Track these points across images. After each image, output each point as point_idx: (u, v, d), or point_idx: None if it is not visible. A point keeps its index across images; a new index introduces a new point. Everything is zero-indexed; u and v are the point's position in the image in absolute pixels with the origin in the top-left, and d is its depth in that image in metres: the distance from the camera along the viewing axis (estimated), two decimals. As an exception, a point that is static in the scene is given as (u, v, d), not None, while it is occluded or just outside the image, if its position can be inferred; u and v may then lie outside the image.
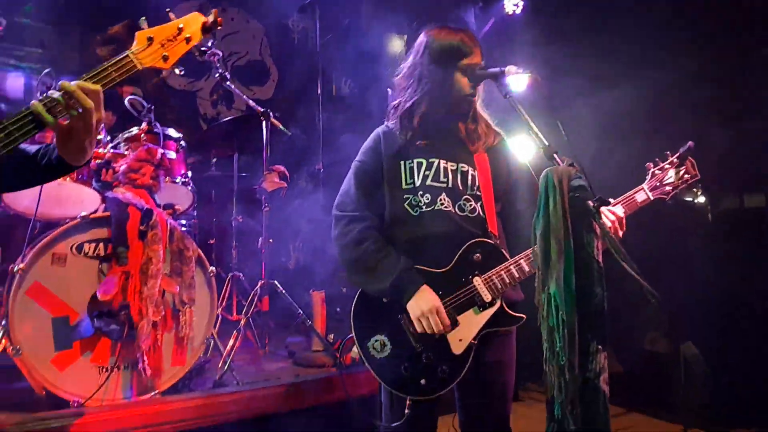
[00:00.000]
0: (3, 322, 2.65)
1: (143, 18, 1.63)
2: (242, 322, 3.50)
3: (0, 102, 5.34)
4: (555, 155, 1.79)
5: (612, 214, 2.06)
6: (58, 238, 2.75)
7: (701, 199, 4.51)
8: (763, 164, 3.99)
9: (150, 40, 1.57)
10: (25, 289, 2.66)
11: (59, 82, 1.41)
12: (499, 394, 2.13)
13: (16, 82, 5.51)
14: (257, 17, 6.64)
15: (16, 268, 2.65)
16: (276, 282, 3.80)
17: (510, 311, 2.07)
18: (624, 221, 2.09)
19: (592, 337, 1.68)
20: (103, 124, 3.54)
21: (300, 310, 3.70)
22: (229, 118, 4.37)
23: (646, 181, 2.16)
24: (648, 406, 4.02)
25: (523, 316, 2.08)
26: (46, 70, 3.39)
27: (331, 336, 3.74)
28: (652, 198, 2.14)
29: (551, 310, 1.69)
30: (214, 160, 4.72)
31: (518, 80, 2.07)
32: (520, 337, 2.19)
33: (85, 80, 1.44)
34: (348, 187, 2.18)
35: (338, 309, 4.33)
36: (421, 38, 2.18)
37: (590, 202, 1.68)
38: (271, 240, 3.95)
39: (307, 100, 5.90)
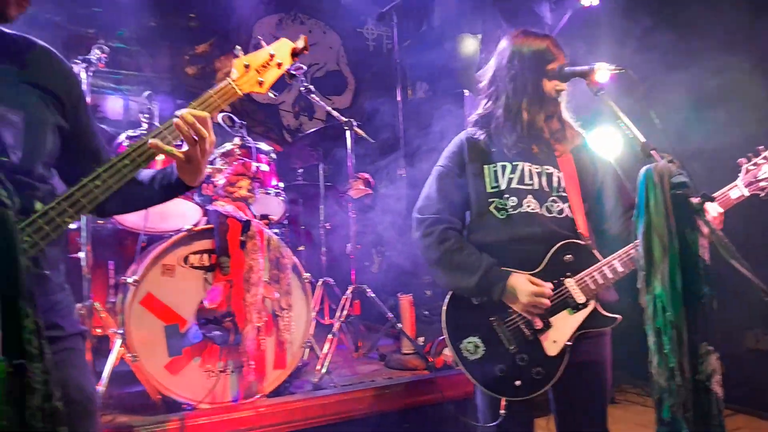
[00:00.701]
0: (120, 331, 2.87)
1: (238, 47, 1.73)
2: (336, 326, 3.60)
3: (102, 123, 5.75)
4: (653, 152, 1.75)
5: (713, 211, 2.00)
6: (167, 251, 2.94)
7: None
8: None
9: (246, 67, 1.66)
10: (139, 299, 2.86)
11: (176, 112, 1.50)
12: (595, 395, 2.11)
13: (115, 104, 5.90)
14: (333, 28, 6.81)
15: (130, 280, 2.86)
16: (365, 287, 3.89)
17: (604, 312, 2.05)
18: (721, 220, 2.02)
19: (702, 337, 1.64)
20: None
21: (390, 314, 3.77)
22: (314, 129, 4.52)
23: (740, 177, 2.08)
24: (755, 407, 3.82)
25: (618, 316, 2.05)
26: (146, 93, 3.64)
27: (421, 339, 3.78)
28: (747, 194, 2.06)
29: (657, 312, 1.66)
30: (300, 170, 4.89)
31: (603, 74, 2.04)
32: (614, 338, 2.16)
33: (194, 108, 1.54)
34: (430, 191, 2.22)
35: (426, 312, 4.37)
36: (505, 44, 2.19)
37: (694, 199, 1.63)
38: (359, 246, 4.05)
39: (385, 106, 5.99)
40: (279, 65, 1.70)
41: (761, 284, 1.61)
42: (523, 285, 2.02)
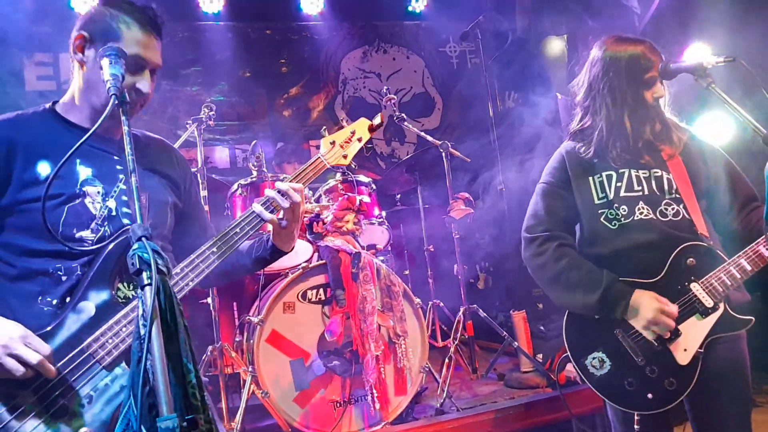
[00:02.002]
0: (250, 369, 3.04)
1: (324, 127, 2.05)
2: (452, 348, 3.61)
3: (212, 173, 6.17)
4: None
5: None
6: (286, 289, 3.09)
7: None
8: None
9: (332, 144, 1.93)
10: (265, 337, 3.02)
11: (276, 185, 1.75)
12: (735, 402, 1.99)
13: (222, 154, 6.31)
14: (416, 51, 6.93)
15: (255, 320, 3.03)
16: (476, 306, 3.88)
17: (735, 314, 1.95)
18: None
19: None
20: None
21: (504, 332, 3.73)
22: (410, 155, 4.61)
23: None
24: None
25: (752, 318, 1.95)
26: (253, 142, 3.87)
27: (540, 355, 3.70)
28: None
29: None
30: (398, 196, 4.98)
31: (711, 68, 1.95)
32: (752, 338, 2.02)
33: (291, 180, 1.80)
34: (536, 209, 2.19)
35: (541, 327, 4.28)
36: (597, 52, 2.14)
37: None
38: (465, 266, 4.06)
39: (476, 122, 5.99)
40: (359, 140, 1.97)
41: None
42: (647, 302, 1.94)
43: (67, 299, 1.53)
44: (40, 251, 1.55)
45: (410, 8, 6.52)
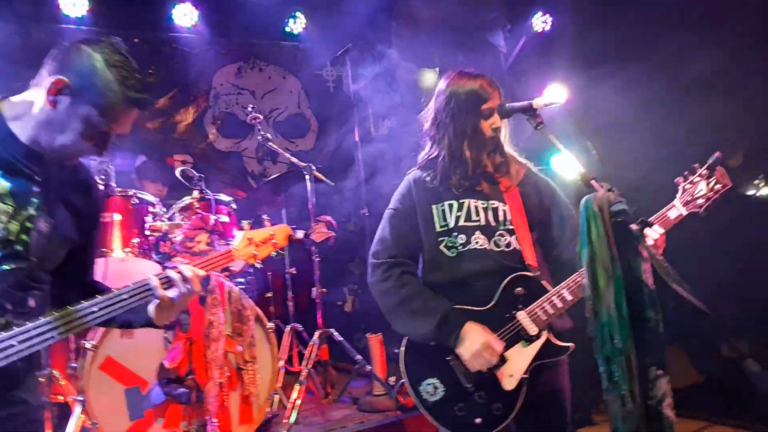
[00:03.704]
0: (80, 398, 2.79)
1: (246, 222, 1.96)
2: (303, 373, 3.55)
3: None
4: (593, 181, 1.78)
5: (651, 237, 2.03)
6: (125, 312, 2.88)
7: (765, 191, 4.36)
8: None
9: (249, 240, 1.90)
10: (99, 364, 2.80)
11: (179, 266, 1.66)
12: (555, 423, 2.12)
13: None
14: (292, 72, 6.88)
15: (89, 345, 2.79)
16: (333, 330, 3.85)
17: (557, 342, 2.06)
18: (663, 240, 2.06)
19: (651, 362, 1.65)
20: (157, 199, 3.76)
21: (358, 355, 3.73)
22: (273, 176, 4.53)
23: (678, 197, 2.13)
24: (730, 416, 3.83)
25: (571, 345, 2.07)
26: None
27: (392, 378, 3.73)
28: (685, 213, 2.10)
29: (605, 340, 1.67)
30: (265, 216, 4.86)
31: (556, 95, 2.07)
32: (587, 359, 2.15)
33: (196, 265, 1.71)
34: (383, 234, 2.23)
35: (396, 351, 4.33)
36: (441, 86, 2.23)
37: (633, 226, 1.66)
38: (324, 290, 4.02)
39: (348, 146, 6.03)
40: (275, 245, 1.94)
41: (702, 305, 1.64)
42: (476, 336, 2.00)
43: None
44: None
45: (288, 29, 6.47)
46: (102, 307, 1.53)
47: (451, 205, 2.18)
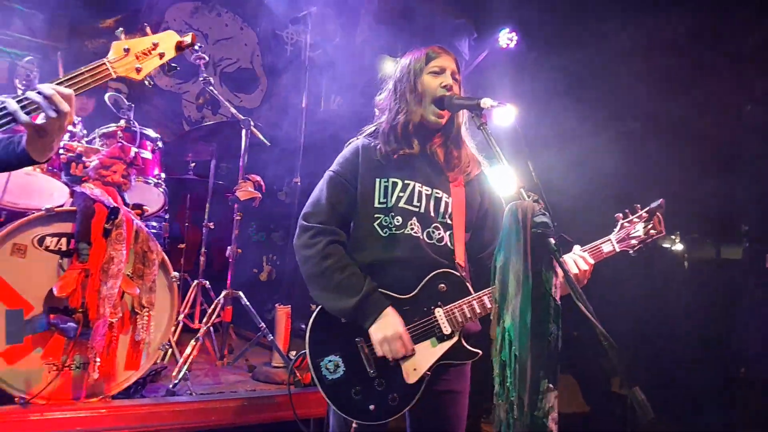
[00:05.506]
0: (-47, 310, 2.58)
1: (120, 29, 1.68)
2: (202, 330, 3.44)
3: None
4: (521, 189, 1.79)
5: (584, 261, 2.06)
6: (20, 229, 2.69)
7: (679, 247, 4.60)
8: (742, 218, 4.08)
9: (126, 51, 1.66)
10: (-18, 279, 2.59)
11: (37, 86, 1.47)
12: (450, 423, 2.12)
13: (2, 67, 5.44)
14: (251, 25, 6.65)
15: (-28, 256, 2.59)
16: (240, 293, 3.75)
17: (467, 346, 2.06)
18: (590, 270, 2.09)
19: (544, 374, 1.68)
20: (79, 118, 3.52)
21: (262, 324, 3.66)
22: (209, 123, 4.36)
23: (614, 233, 2.16)
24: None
25: (479, 351, 2.07)
26: (27, 58, 3.37)
27: (293, 353, 3.69)
28: (617, 250, 2.14)
29: (504, 345, 1.69)
30: (193, 164, 4.68)
31: (504, 113, 2.07)
32: (484, 366, 2.17)
33: (60, 83, 1.50)
34: (319, 196, 2.14)
35: (303, 326, 4.28)
36: (399, 61, 2.23)
37: (551, 239, 1.68)
38: (239, 250, 3.91)
39: (293, 113, 5.90)
40: (161, 56, 1.71)
41: (603, 330, 1.67)
42: (392, 325, 1.98)
43: None
44: None
45: (257, -20, 6.26)
46: None
47: (395, 183, 2.12)
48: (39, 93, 1.47)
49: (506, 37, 6.71)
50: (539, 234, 1.70)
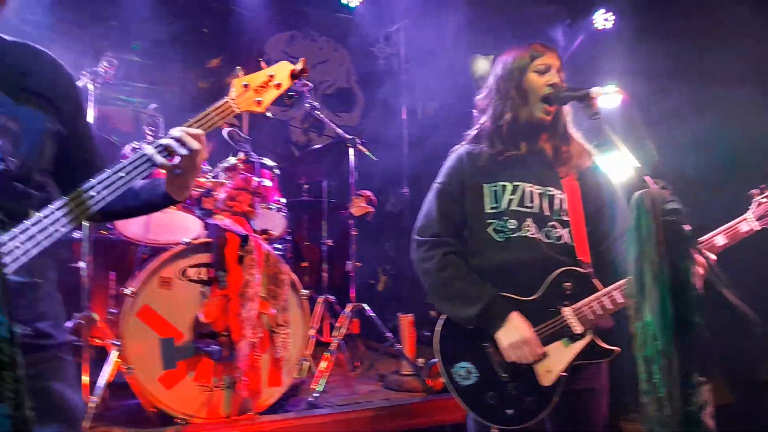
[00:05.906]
0: (117, 342, 2.87)
1: (239, 67, 1.77)
2: (333, 344, 3.58)
3: (112, 134, 5.81)
4: (647, 177, 1.73)
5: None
6: (165, 263, 2.95)
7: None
8: None
9: (246, 86, 1.71)
10: (136, 311, 2.87)
11: (170, 131, 1.55)
12: (591, 424, 2.06)
13: (126, 117, 5.96)
14: (344, 45, 6.86)
15: (128, 291, 2.86)
16: (364, 305, 3.87)
17: (602, 344, 2.00)
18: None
19: (693, 368, 1.60)
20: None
21: (389, 333, 3.75)
22: (317, 146, 4.55)
23: (751, 210, 2.01)
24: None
25: (617, 348, 2.00)
26: (153, 106, 3.68)
27: (421, 360, 3.74)
28: (758, 228, 1.99)
29: (647, 340, 1.62)
30: (306, 186, 4.90)
31: (611, 99, 2.01)
32: (619, 363, 2.10)
33: (190, 125, 1.59)
34: (429, 209, 2.16)
35: (427, 333, 4.34)
36: (498, 59, 2.20)
37: (686, 226, 1.61)
38: (359, 263, 4.04)
39: (393, 125, 6.00)
40: (278, 86, 1.74)
41: (753, 313, 1.58)
42: (518, 331, 1.96)
43: None
44: None
45: (344, 1, 6.44)
46: (105, 186, 1.44)
47: (504, 187, 2.10)
48: (171, 137, 1.55)
49: (602, 18, 6.44)
50: (672, 221, 1.62)
